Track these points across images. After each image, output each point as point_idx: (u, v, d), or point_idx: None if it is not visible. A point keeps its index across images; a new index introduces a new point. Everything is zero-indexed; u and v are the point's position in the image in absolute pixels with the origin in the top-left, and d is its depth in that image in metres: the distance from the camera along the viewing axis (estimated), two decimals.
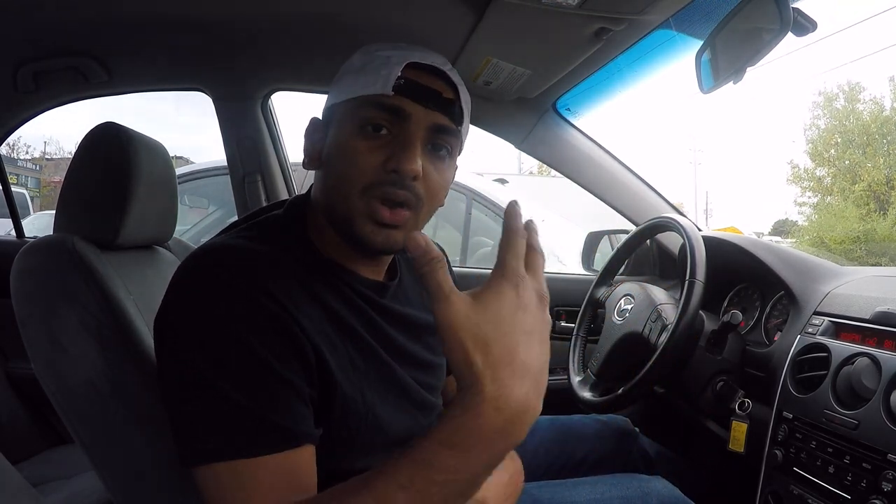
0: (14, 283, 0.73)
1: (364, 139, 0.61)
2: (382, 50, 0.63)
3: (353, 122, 0.61)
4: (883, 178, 16.03)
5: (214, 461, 0.50)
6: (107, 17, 1.06)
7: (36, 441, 1.43)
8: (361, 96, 0.61)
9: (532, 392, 0.42)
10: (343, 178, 0.61)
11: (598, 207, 1.48)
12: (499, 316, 0.43)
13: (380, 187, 0.60)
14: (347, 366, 0.60)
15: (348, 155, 0.61)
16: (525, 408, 0.42)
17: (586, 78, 1.18)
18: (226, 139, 1.47)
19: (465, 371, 0.42)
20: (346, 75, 0.65)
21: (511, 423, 0.42)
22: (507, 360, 0.42)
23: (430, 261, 0.43)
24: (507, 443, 0.42)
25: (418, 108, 0.61)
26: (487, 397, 0.41)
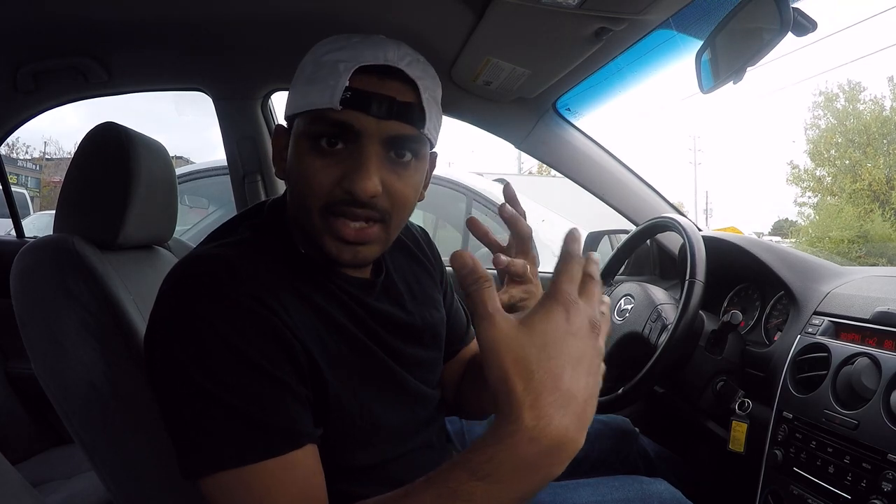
0: (14, 283, 0.73)
1: (318, 156, 0.58)
2: (332, 52, 0.58)
3: (307, 136, 0.59)
4: (883, 178, 16.03)
5: (219, 470, 0.50)
6: (107, 17, 1.06)
7: (36, 441, 1.43)
8: (312, 110, 0.58)
9: (573, 425, 0.40)
10: (302, 196, 0.59)
11: (598, 207, 1.48)
12: (545, 339, 0.40)
13: (338, 206, 0.58)
14: (339, 363, 0.60)
15: (305, 173, 0.58)
16: (563, 441, 0.39)
17: (586, 78, 1.17)
18: (226, 139, 1.47)
19: (503, 397, 0.40)
20: (298, 83, 0.61)
21: (547, 457, 0.39)
22: (549, 388, 0.39)
23: (476, 280, 0.42)
24: (541, 476, 0.40)
25: (370, 120, 0.56)
26: (524, 427, 0.39)
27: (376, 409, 0.63)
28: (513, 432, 0.39)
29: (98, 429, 0.70)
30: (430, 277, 0.79)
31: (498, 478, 0.39)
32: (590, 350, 0.42)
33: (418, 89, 0.59)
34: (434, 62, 0.64)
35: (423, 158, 0.63)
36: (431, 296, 0.77)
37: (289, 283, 0.59)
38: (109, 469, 0.71)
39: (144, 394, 0.68)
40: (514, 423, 0.39)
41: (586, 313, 0.43)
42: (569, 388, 0.40)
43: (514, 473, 0.39)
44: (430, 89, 0.61)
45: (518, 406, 0.39)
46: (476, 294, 0.42)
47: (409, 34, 1.06)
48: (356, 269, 0.67)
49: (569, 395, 0.40)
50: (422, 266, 0.79)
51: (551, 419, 0.39)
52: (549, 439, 0.39)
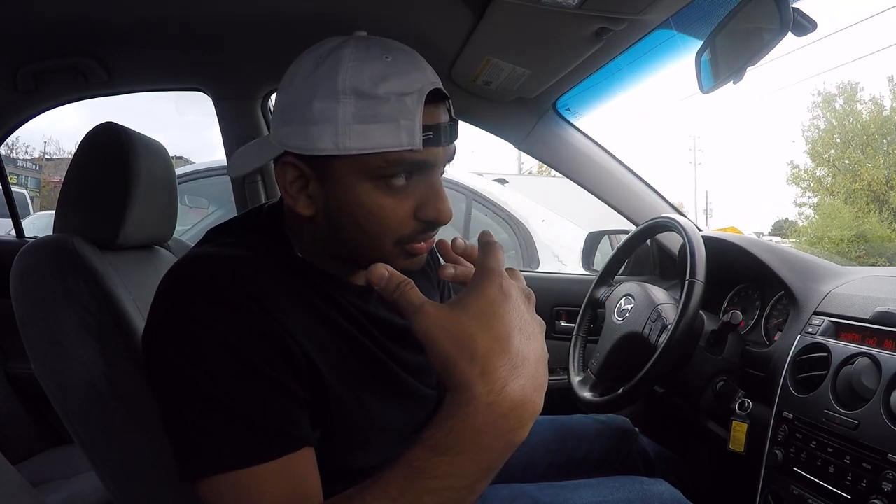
0: (14, 283, 0.73)
1: (387, 194, 0.55)
2: (382, 81, 0.53)
3: (370, 177, 0.55)
4: (882, 178, 16.04)
5: (216, 473, 0.49)
6: (107, 17, 1.06)
7: (36, 441, 1.43)
8: (382, 153, 0.53)
9: (529, 384, 0.40)
10: (372, 233, 0.57)
11: (598, 207, 1.48)
12: (482, 310, 0.41)
13: (414, 236, 0.58)
14: (340, 366, 0.60)
15: (377, 214, 0.56)
16: (522, 402, 0.39)
17: (586, 78, 1.18)
18: (226, 139, 1.46)
19: (451, 375, 0.40)
20: (341, 120, 0.53)
21: (506, 420, 0.39)
22: (497, 353, 0.40)
23: (396, 286, 0.43)
24: (504, 443, 0.40)
25: (440, 150, 0.56)
26: (477, 394, 0.39)
27: (376, 410, 0.63)
28: (467, 401, 0.39)
29: (98, 429, 0.70)
30: (427, 281, 0.80)
31: (459, 449, 0.39)
32: (528, 316, 0.43)
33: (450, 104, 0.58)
34: (434, 62, 0.64)
35: None
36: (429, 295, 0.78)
37: (287, 286, 0.58)
38: (109, 469, 0.71)
39: (144, 394, 0.68)
40: (467, 393, 0.39)
41: (517, 284, 0.44)
42: (518, 350, 0.40)
43: (475, 443, 0.39)
44: None
45: (467, 378, 0.39)
46: (400, 297, 0.43)
47: (410, 34, 1.06)
48: (355, 276, 0.67)
49: (519, 357, 0.40)
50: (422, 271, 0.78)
51: (505, 382, 0.39)
52: (506, 402, 0.39)
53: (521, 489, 0.82)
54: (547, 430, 1.03)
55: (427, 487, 0.40)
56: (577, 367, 1.20)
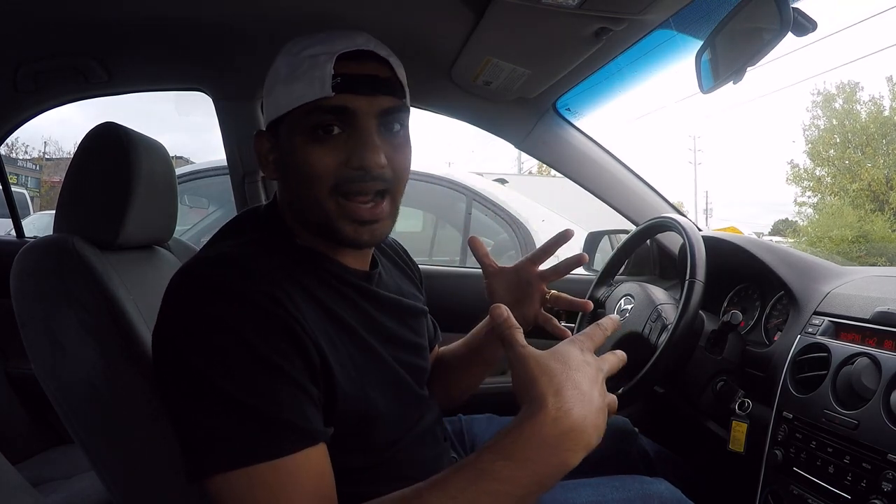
0: (14, 283, 0.73)
1: (318, 144, 0.61)
2: (304, 49, 0.61)
3: (302, 131, 0.61)
4: (882, 178, 16.04)
5: (232, 468, 0.50)
6: (107, 17, 1.06)
7: (36, 441, 1.43)
8: (302, 105, 0.60)
9: (590, 419, 0.46)
10: (307, 184, 0.61)
11: (598, 207, 1.48)
12: (565, 360, 0.48)
13: (348, 185, 0.61)
14: (348, 363, 0.61)
15: (307, 162, 0.61)
16: (581, 427, 0.45)
17: (586, 78, 1.18)
18: (226, 139, 1.46)
19: (529, 389, 0.47)
20: (277, 86, 0.62)
21: (566, 438, 0.45)
22: (570, 386, 0.46)
23: (510, 327, 0.51)
24: (561, 460, 0.45)
25: (361, 99, 0.60)
26: (548, 408, 0.45)
27: (379, 408, 0.64)
28: (537, 412, 0.45)
29: (98, 429, 0.70)
30: (410, 281, 0.85)
31: (522, 457, 0.44)
32: (599, 380, 0.50)
33: (391, 66, 0.64)
34: (434, 62, 0.66)
35: (407, 129, 0.67)
36: (415, 293, 0.84)
37: (297, 281, 0.60)
38: (109, 469, 0.71)
39: (144, 394, 0.68)
40: (540, 406, 0.45)
41: (595, 360, 0.52)
42: (586, 391, 0.47)
43: (537, 453, 0.44)
44: (398, 66, 0.66)
45: (543, 394, 0.46)
46: (510, 339, 0.50)
47: (410, 34, 1.06)
48: (357, 261, 0.70)
49: (587, 396, 0.47)
50: (403, 272, 0.85)
51: (572, 406, 0.45)
52: (569, 421, 0.45)
53: None
54: None
55: (487, 489, 0.45)
56: None
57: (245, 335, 0.52)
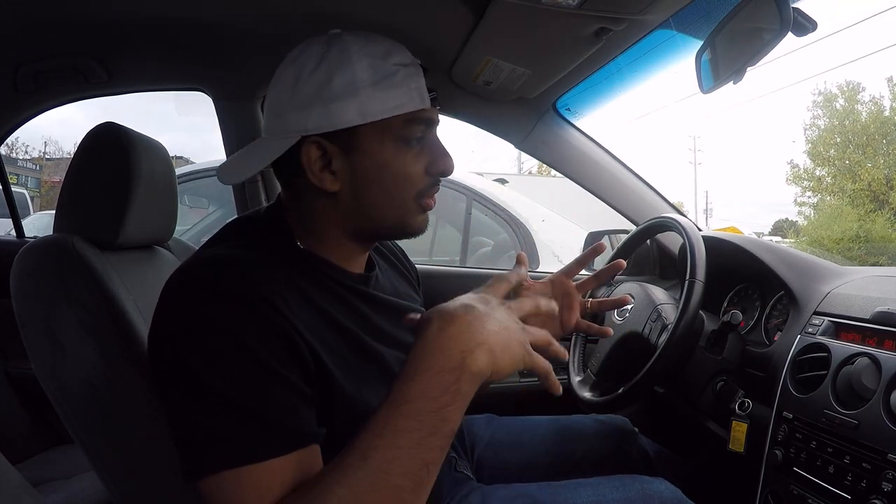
0: (14, 283, 0.73)
1: (408, 152, 0.64)
2: (388, 56, 0.62)
3: (395, 139, 0.63)
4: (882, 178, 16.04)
5: (226, 468, 0.50)
6: (107, 17, 1.06)
7: (36, 441, 1.43)
8: (402, 114, 0.62)
9: (477, 325, 0.48)
10: (397, 192, 0.65)
11: (598, 207, 1.48)
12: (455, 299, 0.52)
13: (428, 190, 0.66)
14: (343, 365, 0.61)
15: (401, 171, 0.64)
16: (469, 330, 0.48)
17: (586, 78, 1.18)
18: (226, 139, 1.46)
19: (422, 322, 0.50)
20: (362, 91, 0.60)
21: (456, 341, 0.48)
22: (455, 305, 0.50)
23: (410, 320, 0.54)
24: (458, 362, 0.47)
25: (435, 111, 0.66)
26: (432, 321, 0.49)
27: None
28: (425, 328, 0.49)
29: (98, 429, 0.70)
30: (407, 282, 0.87)
31: (421, 369, 0.47)
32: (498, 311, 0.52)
33: None
34: (434, 62, 0.66)
35: None
36: (412, 295, 0.85)
37: (294, 284, 0.60)
38: (109, 469, 0.71)
39: (144, 394, 0.68)
40: (427, 323, 0.49)
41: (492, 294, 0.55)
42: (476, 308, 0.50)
43: (432, 361, 0.47)
44: None
45: (429, 315, 0.50)
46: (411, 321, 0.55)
47: (410, 34, 1.06)
48: (355, 265, 0.71)
49: (477, 309, 0.50)
50: (400, 273, 0.86)
51: (455, 313, 0.49)
52: (455, 326, 0.48)
53: (521, 489, 0.82)
54: (547, 430, 1.03)
55: (403, 412, 0.47)
56: (577, 367, 1.20)
57: (241, 337, 0.52)
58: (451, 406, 0.47)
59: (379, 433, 0.47)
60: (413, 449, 0.46)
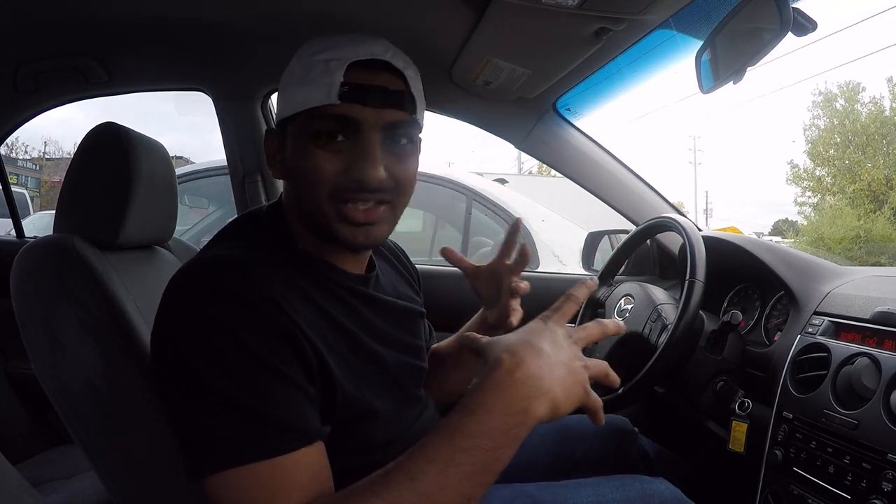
0: (14, 283, 0.72)
1: (321, 149, 0.60)
2: (319, 53, 0.61)
3: (307, 134, 0.61)
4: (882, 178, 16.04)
5: (232, 466, 0.50)
6: (107, 17, 1.06)
7: (36, 441, 1.43)
8: (308, 109, 0.60)
9: (547, 369, 0.49)
10: (309, 187, 0.62)
11: (598, 207, 1.48)
12: (524, 329, 0.52)
13: (346, 193, 0.61)
14: (344, 365, 0.61)
15: (309, 166, 0.61)
16: (538, 376, 0.48)
17: (586, 78, 1.17)
18: (226, 139, 1.47)
19: (490, 355, 0.50)
20: (290, 87, 0.63)
21: (523, 386, 0.48)
22: (523, 343, 0.50)
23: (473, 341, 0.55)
24: (523, 408, 0.47)
25: (367, 110, 0.60)
26: (503, 361, 0.48)
27: (377, 408, 0.64)
28: (494, 367, 0.49)
29: (98, 429, 0.70)
30: (408, 283, 0.86)
31: (485, 409, 0.47)
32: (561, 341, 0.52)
33: (406, 78, 0.63)
34: (434, 62, 0.66)
35: (416, 143, 0.66)
36: (412, 296, 0.84)
37: (295, 284, 0.60)
38: (109, 469, 0.71)
39: (144, 394, 0.68)
40: (496, 362, 0.49)
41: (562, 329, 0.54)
42: (543, 348, 0.50)
43: (497, 402, 0.47)
44: (414, 79, 0.64)
45: (499, 353, 0.49)
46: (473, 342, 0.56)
47: (410, 34, 1.06)
48: (354, 265, 0.70)
49: (543, 351, 0.50)
50: (400, 274, 0.86)
51: (525, 357, 0.49)
52: (524, 370, 0.48)
53: (521, 489, 0.82)
54: (547, 430, 1.03)
55: (460, 446, 0.47)
56: None
57: (243, 337, 0.52)
58: (506, 448, 0.48)
59: (431, 458, 0.47)
60: (461, 482, 0.46)
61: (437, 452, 0.47)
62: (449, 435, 0.47)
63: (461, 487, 0.46)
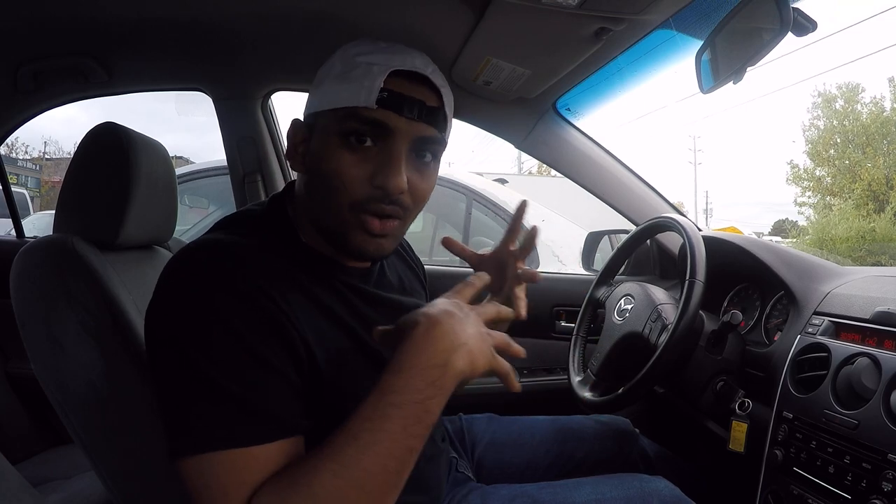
0: (14, 283, 0.73)
1: (349, 151, 0.61)
2: (363, 55, 0.62)
3: (337, 133, 0.61)
4: (882, 178, 16.05)
5: (209, 450, 0.51)
6: (107, 17, 1.06)
7: (36, 441, 1.43)
8: (344, 108, 0.61)
9: (460, 327, 0.52)
10: (331, 191, 0.62)
11: (598, 207, 1.48)
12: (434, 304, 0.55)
13: (368, 203, 0.61)
14: (339, 356, 0.62)
15: (334, 167, 0.61)
16: (453, 332, 0.52)
17: (586, 78, 1.17)
18: (226, 139, 1.47)
19: (406, 321, 0.53)
20: (327, 80, 0.63)
21: (440, 341, 0.51)
22: (436, 309, 0.54)
23: None
24: (443, 360, 0.51)
25: (402, 120, 0.61)
26: (419, 322, 0.52)
27: None
28: (412, 328, 0.52)
29: (98, 429, 0.70)
30: (415, 276, 0.88)
31: (409, 365, 0.51)
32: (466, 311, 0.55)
33: (442, 96, 0.64)
34: (434, 62, 0.65)
35: (438, 161, 0.67)
36: (418, 290, 0.86)
37: (292, 276, 0.61)
38: (109, 469, 0.71)
39: (144, 394, 0.68)
40: (413, 324, 0.52)
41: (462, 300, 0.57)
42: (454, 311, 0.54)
43: (419, 358, 0.51)
44: (448, 98, 0.65)
45: (415, 317, 0.53)
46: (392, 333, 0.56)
47: (410, 34, 1.06)
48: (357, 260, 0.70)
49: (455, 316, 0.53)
50: (408, 266, 0.88)
51: (439, 318, 0.52)
52: (439, 328, 0.52)
53: (520, 489, 0.82)
54: (547, 430, 1.03)
55: (391, 402, 0.50)
56: (578, 367, 1.20)
57: (233, 323, 0.53)
58: (434, 399, 0.51)
59: (368, 417, 0.50)
60: (398, 434, 0.50)
61: (373, 410, 0.50)
62: (380, 393, 0.50)
63: (399, 439, 0.50)
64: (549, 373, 1.53)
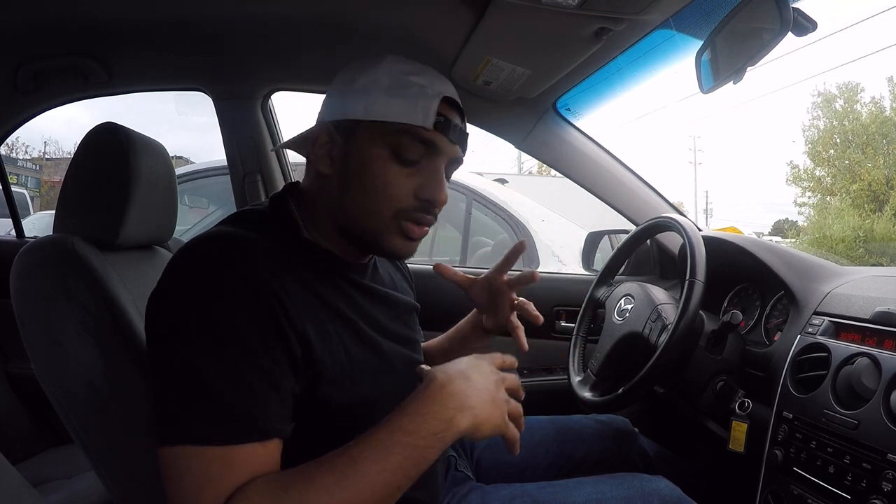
0: (14, 283, 0.73)
1: (399, 164, 0.65)
2: (412, 75, 0.66)
3: (387, 146, 0.65)
4: (882, 178, 16.05)
5: (187, 443, 0.52)
6: (107, 17, 1.06)
7: (36, 441, 1.43)
8: (397, 123, 0.64)
9: (470, 393, 0.57)
10: (375, 198, 0.65)
11: (599, 207, 1.48)
12: (459, 363, 0.61)
13: (412, 213, 0.66)
14: (340, 351, 0.63)
15: (382, 179, 0.65)
16: (465, 394, 0.57)
17: (586, 78, 1.17)
18: (226, 139, 1.47)
19: (427, 374, 0.58)
20: (374, 92, 0.65)
21: (452, 400, 0.56)
22: (454, 370, 0.59)
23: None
24: (449, 416, 0.55)
25: (447, 142, 0.67)
26: (436, 378, 0.57)
27: (370, 399, 0.65)
28: (430, 381, 0.57)
29: (98, 429, 0.70)
30: (401, 274, 0.90)
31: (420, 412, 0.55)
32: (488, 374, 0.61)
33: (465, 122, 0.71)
34: (434, 62, 0.67)
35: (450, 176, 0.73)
36: (405, 287, 0.88)
37: (294, 270, 0.62)
38: (109, 469, 0.71)
39: (144, 394, 0.68)
40: (430, 379, 0.57)
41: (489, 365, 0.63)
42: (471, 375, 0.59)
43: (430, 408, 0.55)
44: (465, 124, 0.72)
45: (434, 373, 0.58)
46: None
47: (410, 34, 1.06)
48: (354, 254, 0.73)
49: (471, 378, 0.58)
50: (396, 266, 0.90)
51: (454, 378, 0.58)
52: (452, 387, 0.57)
53: (521, 489, 0.82)
54: (547, 430, 1.03)
55: (398, 440, 0.53)
56: (578, 367, 1.20)
57: (229, 319, 0.54)
58: (433, 448, 0.54)
59: (375, 446, 0.53)
60: (395, 470, 0.53)
61: (380, 441, 0.53)
62: (390, 430, 0.54)
63: (394, 476, 0.53)
64: (549, 373, 1.53)
